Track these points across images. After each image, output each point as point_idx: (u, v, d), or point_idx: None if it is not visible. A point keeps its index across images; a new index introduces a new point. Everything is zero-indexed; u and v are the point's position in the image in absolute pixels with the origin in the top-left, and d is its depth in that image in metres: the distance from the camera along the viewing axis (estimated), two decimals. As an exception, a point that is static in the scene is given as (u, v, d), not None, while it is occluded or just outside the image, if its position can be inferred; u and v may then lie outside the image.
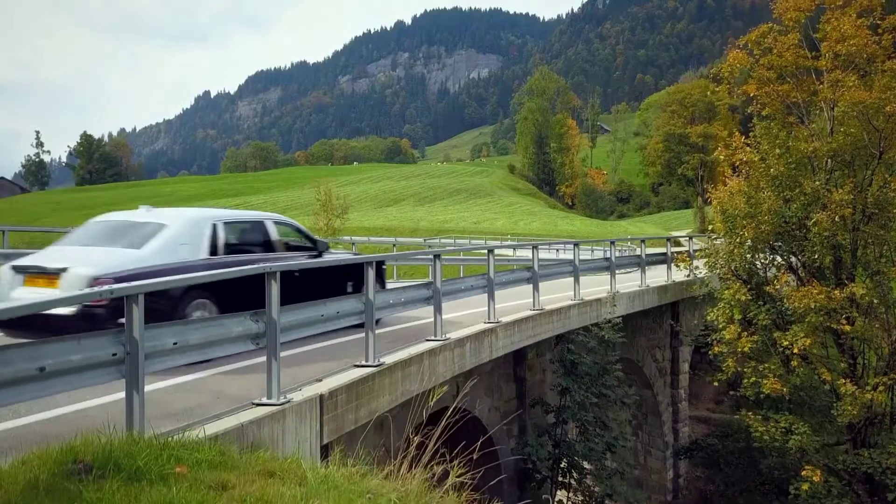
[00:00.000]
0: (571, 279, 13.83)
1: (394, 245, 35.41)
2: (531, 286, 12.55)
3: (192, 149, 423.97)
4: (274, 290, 6.00)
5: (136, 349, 4.53)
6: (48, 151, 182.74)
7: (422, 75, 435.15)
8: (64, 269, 7.15)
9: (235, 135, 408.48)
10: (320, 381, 6.98)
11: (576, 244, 14.17)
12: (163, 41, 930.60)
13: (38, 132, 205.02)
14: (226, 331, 5.65)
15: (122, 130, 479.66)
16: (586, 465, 13.31)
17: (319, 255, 9.97)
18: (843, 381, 13.65)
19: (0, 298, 6.96)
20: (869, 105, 14.23)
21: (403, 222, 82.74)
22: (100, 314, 6.75)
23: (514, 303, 12.95)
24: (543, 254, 29.70)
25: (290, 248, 9.69)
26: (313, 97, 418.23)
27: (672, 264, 18.33)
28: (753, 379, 14.56)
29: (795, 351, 13.85)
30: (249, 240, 9.22)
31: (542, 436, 13.21)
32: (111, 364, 4.46)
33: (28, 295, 6.75)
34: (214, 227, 8.61)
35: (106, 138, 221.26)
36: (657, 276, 18.72)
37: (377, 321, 7.97)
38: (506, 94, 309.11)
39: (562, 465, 13.19)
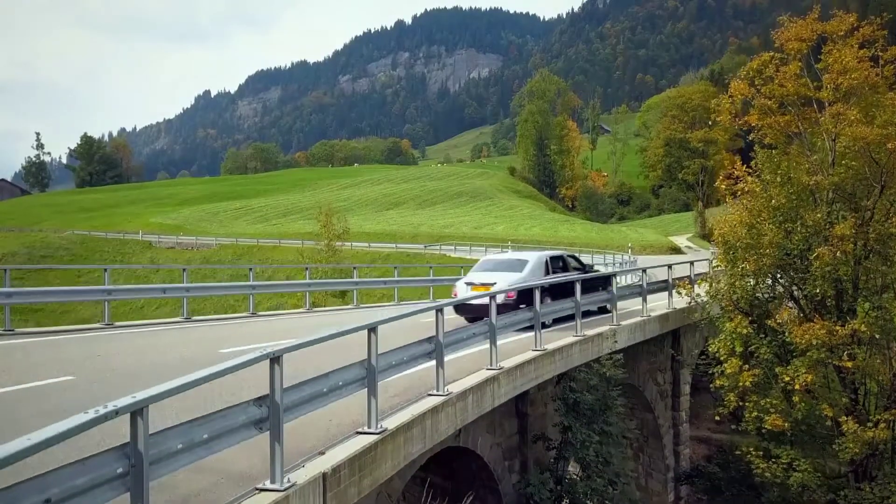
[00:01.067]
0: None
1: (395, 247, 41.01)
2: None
3: (192, 148, 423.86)
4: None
5: (140, 462, 4.52)
6: (48, 153, 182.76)
7: (422, 75, 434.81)
8: (493, 283, 14.53)
9: (236, 134, 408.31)
10: (323, 453, 6.97)
11: (579, 281, 14.15)
12: (163, 40, 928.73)
13: (38, 134, 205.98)
14: (230, 422, 5.65)
15: (123, 130, 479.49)
16: (589, 503, 13.31)
17: (586, 272, 16.85)
18: (846, 418, 13.64)
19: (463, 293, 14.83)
20: (871, 141, 14.22)
21: (404, 227, 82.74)
22: (510, 303, 13.86)
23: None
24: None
25: (574, 268, 17.10)
26: (313, 97, 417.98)
27: (674, 291, 18.33)
28: (755, 414, 14.56)
29: (797, 387, 13.84)
30: (558, 265, 16.72)
31: (544, 472, 13.20)
32: (117, 479, 4.46)
33: (475, 293, 13.99)
34: (547, 259, 16.34)
35: (106, 138, 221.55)
36: (659, 297, 18.83)
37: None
38: (506, 93, 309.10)
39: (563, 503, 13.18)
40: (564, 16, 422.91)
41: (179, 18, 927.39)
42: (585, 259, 28.54)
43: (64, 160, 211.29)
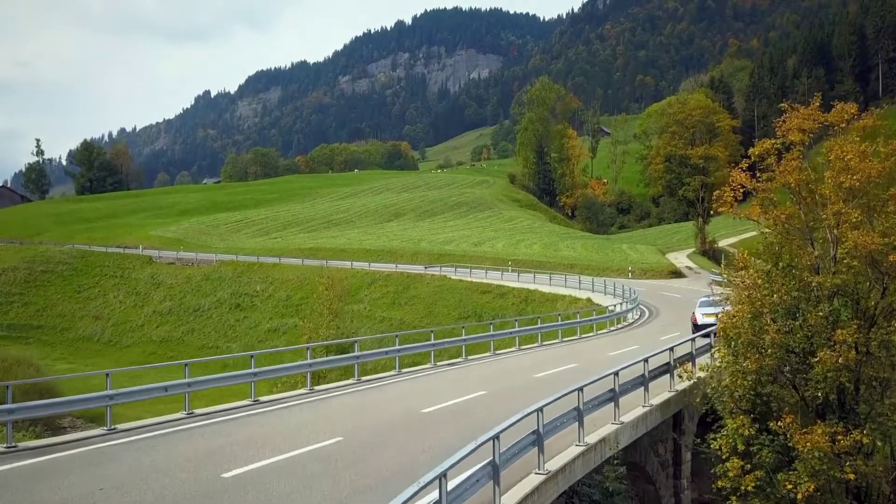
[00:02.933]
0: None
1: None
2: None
3: (192, 149, 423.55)
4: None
5: None
6: (49, 160, 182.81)
7: (422, 75, 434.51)
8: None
9: (236, 135, 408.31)
10: None
11: (580, 389, 14.02)
12: (163, 40, 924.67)
13: (38, 140, 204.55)
14: None
15: (123, 130, 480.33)
16: None
17: None
18: (847, 532, 13.66)
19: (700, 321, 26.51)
20: (873, 250, 14.21)
21: (404, 242, 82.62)
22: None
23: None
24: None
25: None
26: (313, 97, 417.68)
27: (675, 374, 18.38)
28: (757, 520, 14.57)
29: (799, 496, 13.85)
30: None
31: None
32: None
33: (708, 320, 24.96)
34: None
35: (106, 138, 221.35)
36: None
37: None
38: (506, 94, 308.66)
39: None
40: (564, 16, 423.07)
41: (180, 18, 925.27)
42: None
43: (64, 161, 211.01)
